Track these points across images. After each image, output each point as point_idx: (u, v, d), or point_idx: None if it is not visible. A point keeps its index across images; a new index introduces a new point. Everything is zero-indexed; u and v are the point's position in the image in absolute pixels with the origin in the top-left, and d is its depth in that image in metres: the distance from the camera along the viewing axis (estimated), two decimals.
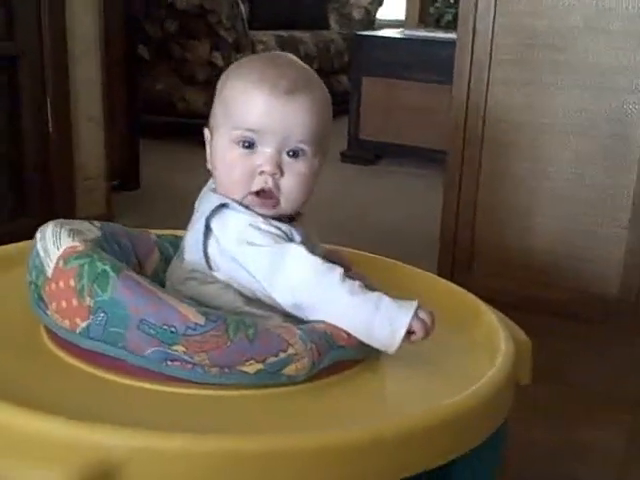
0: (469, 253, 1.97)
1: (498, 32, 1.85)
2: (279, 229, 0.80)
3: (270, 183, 0.79)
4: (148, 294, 0.70)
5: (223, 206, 0.80)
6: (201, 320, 0.69)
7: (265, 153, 0.80)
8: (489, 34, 1.85)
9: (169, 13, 3.49)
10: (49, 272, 0.73)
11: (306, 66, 0.86)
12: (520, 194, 1.90)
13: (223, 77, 0.86)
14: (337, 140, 3.51)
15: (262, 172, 0.79)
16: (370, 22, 4.67)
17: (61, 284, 0.71)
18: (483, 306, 0.93)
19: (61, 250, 0.73)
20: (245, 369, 0.70)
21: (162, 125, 3.64)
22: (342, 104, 3.96)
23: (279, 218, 0.82)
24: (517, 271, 1.92)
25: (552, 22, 1.79)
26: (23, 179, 2.04)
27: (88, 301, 0.70)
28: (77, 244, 0.73)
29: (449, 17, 4.15)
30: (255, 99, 0.79)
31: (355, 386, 0.75)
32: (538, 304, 1.86)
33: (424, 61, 3.21)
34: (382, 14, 4.90)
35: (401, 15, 5.44)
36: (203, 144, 0.88)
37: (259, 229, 0.79)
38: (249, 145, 0.80)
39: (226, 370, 0.70)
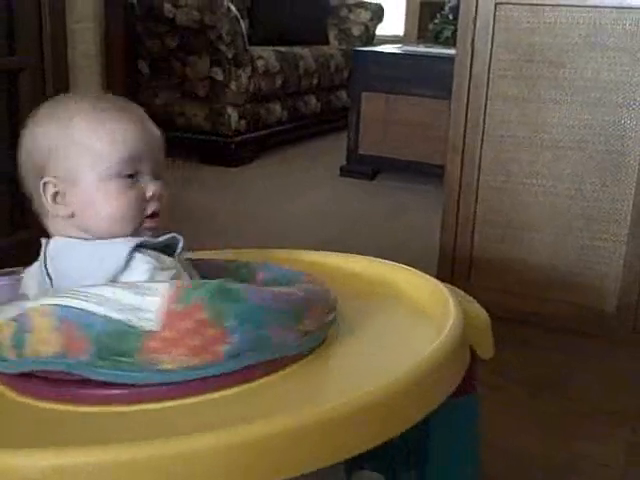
0: (467, 267, 1.98)
1: (497, 48, 1.86)
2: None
3: (158, 206, 0.84)
4: (270, 292, 0.75)
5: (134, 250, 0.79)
6: (302, 293, 0.78)
7: (146, 180, 0.84)
8: (488, 50, 1.86)
9: (169, 28, 3.51)
10: (153, 325, 0.69)
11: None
12: (518, 209, 1.91)
13: (46, 119, 0.84)
14: (336, 155, 3.53)
15: (152, 196, 0.84)
16: (369, 38, 4.70)
17: (184, 324, 0.69)
18: (440, 289, 0.93)
19: (164, 296, 0.70)
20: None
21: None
22: (341, 119, 3.99)
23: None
24: (515, 285, 1.93)
25: (551, 38, 1.81)
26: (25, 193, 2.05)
27: (227, 322, 0.70)
28: (179, 283, 0.72)
29: (448, 33, 4.17)
30: (124, 128, 0.82)
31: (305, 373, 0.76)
32: (536, 318, 1.87)
33: (423, 76, 3.23)
34: (381, 30, 4.94)
35: (400, 31, 5.48)
36: (203, 160, 0.89)
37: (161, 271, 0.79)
38: (131, 175, 0.83)
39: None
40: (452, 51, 2.09)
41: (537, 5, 1.81)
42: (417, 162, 3.24)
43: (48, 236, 0.84)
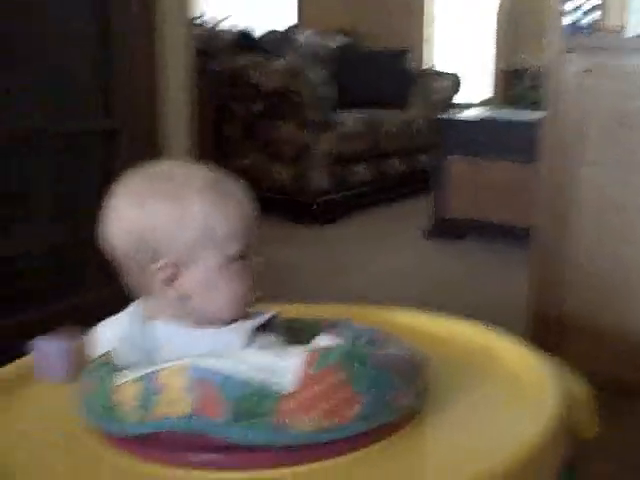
0: (558, 333, 1.93)
1: (586, 112, 1.84)
2: None
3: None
4: (392, 356, 0.78)
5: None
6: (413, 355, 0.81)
7: (251, 255, 0.83)
8: (577, 114, 1.84)
9: (255, 94, 3.61)
10: (289, 388, 0.70)
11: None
12: (614, 274, 1.86)
13: (156, 198, 0.79)
14: (419, 217, 3.53)
15: (260, 269, 0.84)
16: (450, 104, 4.74)
17: (318, 387, 0.70)
18: (535, 358, 0.91)
19: (301, 360, 0.71)
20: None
21: None
22: (423, 182, 4.00)
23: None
24: (610, 352, 1.86)
25: None
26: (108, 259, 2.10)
27: (358, 386, 0.72)
28: (316, 348, 0.74)
29: (530, 98, 4.17)
30: (241, 209, 0.82)
31: (406, 448, 0.76)
32: (631, 387, 1.80)
33: (506, 141, 3.22)
34: (465, 94, 4.97)
35: (481, 97, 5.50)
36: (288, 219, 0.90)
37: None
38: (242, 256, 0.82)
39: None
40: (535, 116, 2.09)
41: (629, 73, 1.78)
42: (502, 225, 3.21)
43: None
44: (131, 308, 0.83)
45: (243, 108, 3.67)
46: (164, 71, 2.33)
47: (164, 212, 0.78)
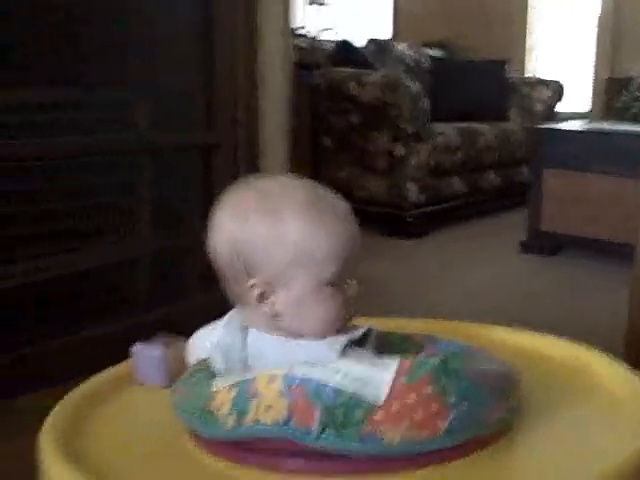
0: None
1: None
2: None
3: (352, 305, 0.83)
4: (484, 371, 0.78)
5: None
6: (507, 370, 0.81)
7: (348, 279, 0.82)
8: None
9: (352, 106, 3.64)
10: (381, 398, 0.71)
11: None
12: None
13: (253, 216, 0.79)
14: (516, 231, 3.47)
15: (350, 298, 0.82)
16: (550, 114, 4.64)
17: (410, 398, 0.71)
18: (634, 379, 0.89)
19: (394, 370, 0.72)
20: None
21: None
22: (521, 195, 3.93)
23: None
24: None
25: None
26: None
27: (449, 399, 0.72)
28: (409, 359, 0.74)
29: (636, 110, 4.04)
30: (339, 232, 0.80)
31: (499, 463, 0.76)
32: None
33: (608, 153, 3.13)
34: (565, 106, 4.86)
35: (584, 107, 5.37)
36: (382, 232, 0.89)
37: None
38: (338, 279, 0.80)
39: None
40: (638, 128, 2.03)
41: None
42: (601, 240, 3.12)
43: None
44: (228, 317, 0.85)
45: (340, 120, 3.70)
46: (264, 83, 2.37)
47: (262, 229, 0.78)
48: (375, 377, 0.71)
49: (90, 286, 2.00)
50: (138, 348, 0.94)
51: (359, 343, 0.82)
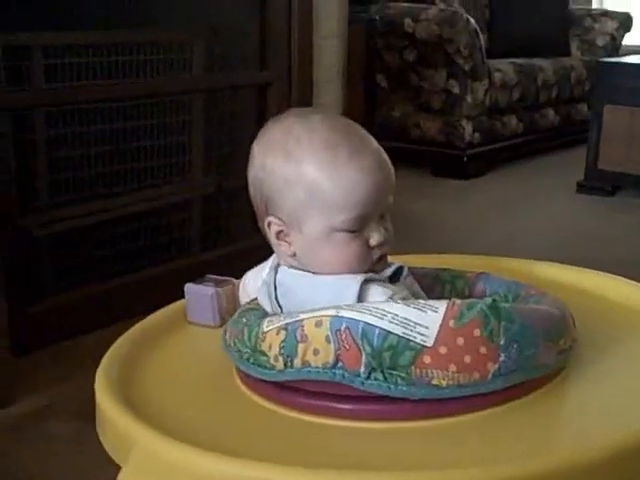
0: None
1: None
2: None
3: (383, 250, 0.80)
4: (535, 311, 0.76)
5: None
6: (558, 311, 0.78)
7: (372, 226, 0.79)
8: None
9: (408, 43, 3.57)
10: (429, 341, 0.70)
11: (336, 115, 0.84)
12: None
13: (277, 152, 0.78)
14: (574, 170, 3.40)
15: (376, 245, 0.79)
16: (615, 48, 4.48)
17: (459, 341, 0.70)
18: None
19: (442, 312, 0.71)
20: None
21: (396, 150, 3.71)
22: (580, 133, 3.84)
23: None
24: None
25: None
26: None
27: (499, 341, 0.71)
28: (456, 301, 0.72)
29: None
30: (358, 179, 0.77)
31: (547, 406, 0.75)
32: None
33: None
34: (630, 40, 4.68)
35: None
36: (436, 172, 0.86)
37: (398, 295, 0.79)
38: (356, 230, 0.78)
39: None
40: None
41: None
42: None
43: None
44: (272, 257, 0.86)
45: (395, 57, 3.64)
46: (318, 20, 2.35)
47: (279, 168, 0.78)
48: (424, 319, 0.70)
49: (145, 227, 2.04)
50: (190, 287, 0.95)
51: (392, 282, 0.81)
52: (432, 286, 0.90)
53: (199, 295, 0.94)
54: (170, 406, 0.77)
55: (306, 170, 0.77)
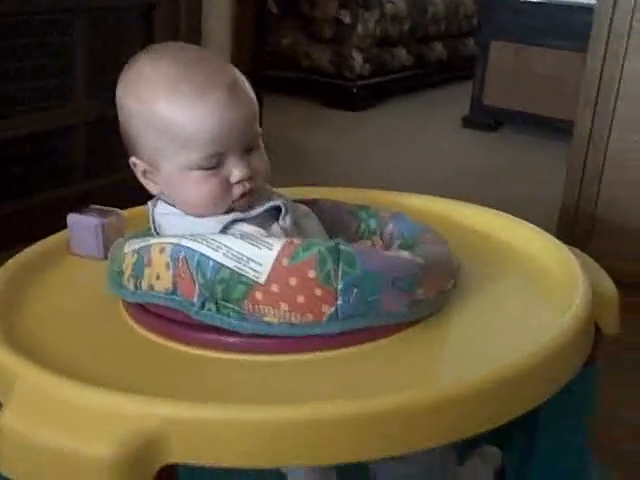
0: (589, 229, 1.92)
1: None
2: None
3: (247, 186, 0.78)
4: (384, 258, 0.74)
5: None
6: (421, 260, 0.74)
7: (232, 162, 0.77)
8: (631, 1, 1.77)
9: None
10: (262, 277, 0.69)
11: (196, 47, 0.84)
12: None
13: (131, 94, 0.78)
14: (460, 104, 3.46)
15: (237, 182, 0.77)
16: None
17: (291, 281, 0.69)
18: (563, 251, 0.89)
19: (276, 250, 0.70)
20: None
21: (285, 80, 3.67)
22: (468, 69, 3.90)
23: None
24: (637, 251, 1.86)
25: None
26: None
27: (336, 284, 0.69)
28: (294, 240, 0.71)
29: None
30: (206, 115, 0.75)
31: (418, 344, 0.74)
32: None
33: (557, 27, 3.10)
34: None
35: None
36: (325, 102, 0.84)
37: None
38: (214, 166, 0.77)
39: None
40: (592, 1, 2.00)
41: None
42: (544, 116, 3.14)
43: None
44: None
45: None
46: None
47: (134, 110, 0.78)
48: (258, 255, 0.70)
49: (24, 154, 1.95)
50: (73, 218, 0.92)
51: (276, 217, 0.80)
52: (349, 223, 0.90)
53: (83, 226, 0.91)
54: (54, 340, 0.75)
55: (156, 110, 0.76)
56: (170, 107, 0.75)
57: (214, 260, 0.70)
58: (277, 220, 0.80)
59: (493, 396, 0.65)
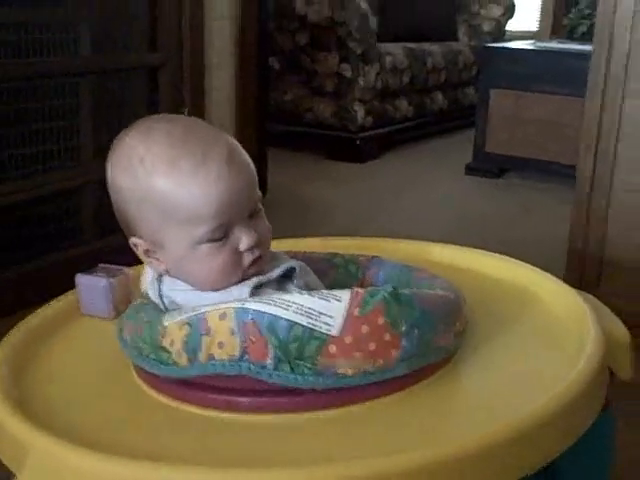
0: (597, 271, 1.92)
1: (637, 45, 1.79)
2: None
3: (257, 253, 0.77)
4: (434, 297, 0.78)
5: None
6: (452, 295, 0.80)
7: (239, 230, 0.76)
8: (626, 46, 1.79)
9: (300, 25, 3.57)
10: (334, 330, 0.69)
11: (192, 118, 0.82)
12: None
13: (125, 175, 0.75)
14: (462, 153, 3.49)
15: (247, 249, 0.76)
16: (500, 34, 4.61)
17: (364, 329, 0.70)
18: (573, 296, 0.89)
19: (346, 301, 0.70)
20: None
21: (289, 134, 3.72)
22: (469, 117, 3.94)
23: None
24: None
25: None
26: None
27: (401, 328, 0.71)
28: (358, 290, 0.72)
29: (583, 28, 4.04)
30: (209, 189, 0.73)
31: (436, 396, 0.75)
32: None
33: (555, 73, 3.14)
34: (513, 26, 4.83)
35: (533, 27, 5.35)
36: (329, 155, 0.85)
37: None
38: (221, 237, 0.75)
39: None
40: (587, 47, 2.03)
41: None
42: (546, 161, 3.16)
43: None
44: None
45: (288, 40, 3.63)
46: (210, 1, 2.31)
47: (128, 189, 0.76)
48: (328, 308, 0.70)
49: (33, 216, 1.96)
50: (82, 278, 0.92)
51: (288, 278, 0.80)
52: (326, 271, 0.90)
53: (91, 286, 0.91)
54: (64, 405, 0.74)
55: (155, 189, 0.74)
56: (170, 185, 0.73)
57: (286, 319, 0.69)
58: (291, 280, 0.81)
59: (506, 451, 0.65)
